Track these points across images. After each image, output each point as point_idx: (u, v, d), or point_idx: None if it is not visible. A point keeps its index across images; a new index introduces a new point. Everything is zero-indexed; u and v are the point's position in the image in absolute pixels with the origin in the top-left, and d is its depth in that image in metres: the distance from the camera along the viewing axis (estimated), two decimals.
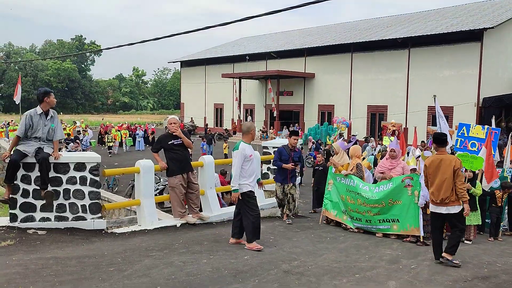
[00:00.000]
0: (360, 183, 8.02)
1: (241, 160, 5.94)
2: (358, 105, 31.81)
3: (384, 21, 37.59)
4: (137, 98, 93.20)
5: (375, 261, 5.97)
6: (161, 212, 8.76)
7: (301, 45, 36.56)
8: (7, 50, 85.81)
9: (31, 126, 6.18)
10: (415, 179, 7.42)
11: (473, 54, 25.92)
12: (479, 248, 7.50)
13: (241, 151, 5.95)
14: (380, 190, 7.73)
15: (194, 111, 46.14)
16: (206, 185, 8.14)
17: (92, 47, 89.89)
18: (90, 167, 6.53)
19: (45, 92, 6.36)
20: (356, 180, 8.06)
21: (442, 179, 5.89)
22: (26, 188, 6.21)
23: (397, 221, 7.48)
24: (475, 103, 25.85)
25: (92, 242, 6.05)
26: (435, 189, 5.96)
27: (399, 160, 8.06)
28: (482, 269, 5.89)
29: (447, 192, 5.86)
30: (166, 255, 5.56)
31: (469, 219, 8.21)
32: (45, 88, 6.53)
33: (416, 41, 28.29)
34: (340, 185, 8.28)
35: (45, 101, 6.28)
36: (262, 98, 39.20)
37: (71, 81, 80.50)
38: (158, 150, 7.34)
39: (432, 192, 6.02)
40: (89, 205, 6.52)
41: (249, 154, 6.01)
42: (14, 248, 5.46)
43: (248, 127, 6.23)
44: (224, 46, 50.82)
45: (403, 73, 29.20)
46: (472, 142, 10.33)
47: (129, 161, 19.85)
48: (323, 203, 8.69)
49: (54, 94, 6.48)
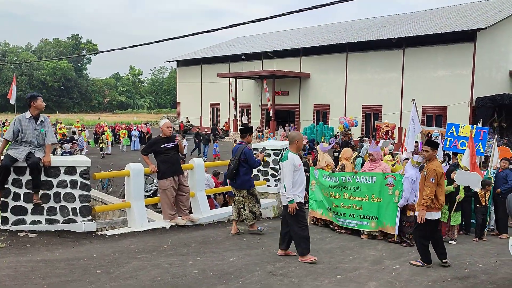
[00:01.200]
0: (343, 176, 8.29)
1: (292, 169, 5.82)
2: (353, 105, 31.96)
3: (379, 21, 37.75)
4: (133, 97, 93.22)
5: (358, 262, 6.13)
6: (154, 213, 8.90)
7: (296, 45, 36.68)
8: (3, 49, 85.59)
9: (20, 130, 6.26)
10: (398, 179, 7.66)
11: (467, 54, 26.10)
12: (462, 248, 7.66)
13: (291, 161, 5.82)
14: (363, 180, 8.02)
15: (191, 110, 46.23)
16: (196, 187, 8.28)
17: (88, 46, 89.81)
18: (81, 171, 6.65)
19: (31, 96, 6.42)
20: (339, 175, 8.35)
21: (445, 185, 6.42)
22: (17, 192, 6.32)
23: (375, 219, 7.83)
24: (469, 102, 26.03)
25: (82, 244, 6.17)
26: (444, 195, 6.27)
27: (380, 162, 8.28)
28: (463, 269, 6.06)
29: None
30: (153, 257, 5.70)
31: (453, 219, 8.40)
32: (33, 92, 6.61)
33: (411, 41, 28.44)
34: (324, 182, 8.51)
35: (32, 105, 6.35)
36: (258, 98, 39.33)
37: (67, 80, 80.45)
38: (149, 153, 7.47)
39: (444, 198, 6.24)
40: (79, 208, 6.64)
41: (298, 164, 5.90)
42: (5, 251, 5.59)
43: (293, 137, 6.08)
44: (220, 45, 50.90)
45: (398, 73, 29.36)
46: (461, 142, 10.51)
47: (124, 161, 19.95)
48: (309, 203, 8.87)
49: (42, 97, 6.54)
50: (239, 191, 7.36)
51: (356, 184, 8.10)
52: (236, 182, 7.32)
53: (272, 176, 9.65)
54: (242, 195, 7.33)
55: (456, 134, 10.74)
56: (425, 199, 5.99)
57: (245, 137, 7.51)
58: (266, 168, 9.69)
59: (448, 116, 26.14)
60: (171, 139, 7.44)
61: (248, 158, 7.23)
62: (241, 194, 7.34)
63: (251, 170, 7.57)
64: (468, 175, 8.22)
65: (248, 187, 7.33)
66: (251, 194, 7.37)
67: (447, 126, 11.01)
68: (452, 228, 8.43)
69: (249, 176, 7.39)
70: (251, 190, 7.38)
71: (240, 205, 7.38)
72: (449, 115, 26.11)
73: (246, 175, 7.30)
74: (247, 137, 7.52)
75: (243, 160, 7.22)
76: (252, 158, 7.29)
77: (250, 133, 7.58)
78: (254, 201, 7.37)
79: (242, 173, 7.26)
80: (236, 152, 7.34)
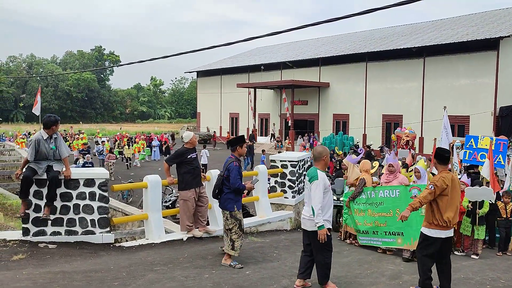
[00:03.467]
0: (368, 191, 7.96)
1: (322, 190, 5.13)
2: (373, 115, 31.71)
3: (399, 30, 37.48)
4: (154, 107, 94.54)
5: (375, 276, 6.03)
6: (173, 224, 8.94)
7: (315, 55, 36.67)
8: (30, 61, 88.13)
9: (38, 151, 6.50)
10: (422, 189, 6.97)
11: (489, 63, 25.66)
12: (485, 263, 7.46)
13: (322, 181, 5.13)
14: (386, 195, 7.71)
15: (210, 120, 46.60)
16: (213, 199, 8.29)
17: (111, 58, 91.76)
18: (99, 183, 6.76)
19: (55, 120, 6.68)
20: (366, 191, 8.01)
21: (458, 201, 5.45)
22: (38, 203, 6.47)
23: (401, 235, 7.44)
24: (492, 112, 25.53)
25: (99, 256, 6.25)
26: (455, 212, 5.35)
27: (397, 174, 7.99)
28: (485, 286, 5.89)
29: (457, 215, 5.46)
30: (170, 270, 5.72)
31: (477, 233, 8.18)
32: (56, 116, 6.81)
33: (431, 50, 28.13)
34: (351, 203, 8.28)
35: (52, 128, 6.62)
36: (277, 108, 39.39)
37: (90, 91, 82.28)
38: (174, 163, 7.55)
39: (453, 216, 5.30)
40: (97, 220, 6.74)
41: (328, 184, 5.28)
42: (25, 262, 5.70)
43: (320, 152, 5.33)
44: (239, 56, 51.29)
45: (419, 82, 29.03)
46: (481, 154, 10.28)
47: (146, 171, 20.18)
48: (343, 218, 8.59)
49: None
50: (222, 211, 6.34)
51: (379, 199, 7.77)
52: (220, 201, 6.38)
53: (289, 188, 9.62)
54: (225, 217, 6.26)
55: (475, 146, 10.50)
56: (415, 201, 5.41)
57: (235, 150, 6.44)
58: (283, 180, 9.66)
59: (471, 125, 25.67)
60: (195, 150, 7.59)
61: (230, 175, 6.17)
62: (224, 215, 6.30)
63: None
64: (479, 190, 8.02)
65: (230, 208, 6.19)
66: (234, 218, 6.19)
67: (465, 138, 10.78)
68: (476, 242, 8.18)
69: (232, 195, 6.23)
70: (234, 213, 6.20)
71: (224, 228, 6.34)
72: (471, 125, 25.64)
73: (230, 193, 6.23)
74: (238, 149, 6.43)
75: (226, 177, 6.24)
76: (234, 176, 6.15)
77: (240, 144, 6.46)
78: (236, 228, 6.19)
79: (225, 191, 6.25)
80: (223, 166, 6.39)
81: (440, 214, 5.24)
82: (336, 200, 9.12)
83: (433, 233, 5.27)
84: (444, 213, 5.23)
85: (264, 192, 9.25)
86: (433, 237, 5.26)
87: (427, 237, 5.31)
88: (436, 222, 5.25)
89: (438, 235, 5.25)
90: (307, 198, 5.33)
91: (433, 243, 5.27)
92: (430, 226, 5.30)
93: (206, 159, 21.94)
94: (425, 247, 5.33)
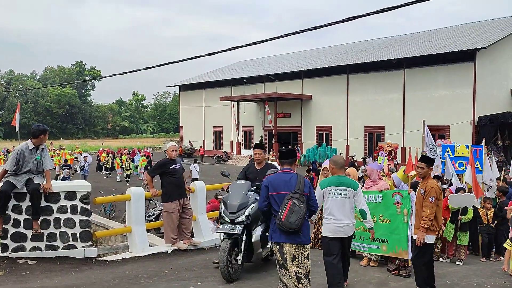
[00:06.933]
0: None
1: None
2: (355, 126, 32.02)
3: (379, 42, 38.14)
4: (137, 122, 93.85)
5: (362, 284, 6.01)
6: (156, 238, 8.82)
7: (297, 68, 37.02)
8: (8, 77, 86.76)
9: (22, 162, 6.28)
10: (405, 195, 6.98)
11: (467, 74, 26.25)
12: (470, 269, 7.50)
13: (360, 187, 5.47)
14: (370, 200, 7.55)
15: (194, 134, 46.41)
16: (198, 211, 8.21)
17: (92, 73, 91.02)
18: (81, 196, 6.63)
19: (44, 130, 6.50)
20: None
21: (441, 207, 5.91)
22: (17, 218, 6.30)
23: (386, 242, 7.25)
24: (471, 122, 26.03)
25: (81, 270, 6.10)
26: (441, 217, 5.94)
27: (377, 180, 7.68)
28: None
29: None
30: (154, 283, 5.61)
31: (460, 239, 8.25)
32: (44, 126, 6.63)
33: (411, 61, 28.67)
34: None
35: (40, 137, 6.42)
36: (260, 120, 39.49)
37: (71, 106, 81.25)
38: (156, 175, 7.46)
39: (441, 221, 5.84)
40: (79, 234, 6.59)
41: None
42: (4, 279, 5.52)
43: (342, 162, 5.47)
44: (222, 69, 51.44)
45: (399, 93, 29.49)
46: (459, 162, 10.39)
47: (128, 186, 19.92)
48: None
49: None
50: (298, 247, 4.73)
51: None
52: (300, 231, 4.67)
53: None
54: (305, 255, 4.78)
55: (452, 155, 10.58)
56: (425, 220, 5.50)
57: (293, 163, 5.02)
58: None
59: (451, 135, 26.07)
60: (177, 161, 7.50)
61: (311, 194, 4.84)
62: (301, 252, 4.74)
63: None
64: (462, 197, 8.12)
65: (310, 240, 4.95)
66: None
67: (442, 148, 10.86)
68: (459, 248, 8.26)
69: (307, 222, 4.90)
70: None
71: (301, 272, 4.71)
72: (452, 135, 26.05)
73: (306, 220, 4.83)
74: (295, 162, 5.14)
75: (307, 196, 4.78)
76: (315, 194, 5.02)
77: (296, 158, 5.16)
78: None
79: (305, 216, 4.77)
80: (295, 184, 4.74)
81: (436, 220, 5.62)
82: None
83: (430, 239, 5.62)
84: (438, 219, 5.67)
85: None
86: (430, 243, 5.65)
87: (426, 244, 5.59)
88: (433, 228, 5.60)
89: (432, 240, 5.65)
90: (340, 206, 5.24)
91: (429, 248, 5.66)
92: (429, 233, 5.60)
93: (197, 174, 21.19)
94: (423, 254, 5.63)
